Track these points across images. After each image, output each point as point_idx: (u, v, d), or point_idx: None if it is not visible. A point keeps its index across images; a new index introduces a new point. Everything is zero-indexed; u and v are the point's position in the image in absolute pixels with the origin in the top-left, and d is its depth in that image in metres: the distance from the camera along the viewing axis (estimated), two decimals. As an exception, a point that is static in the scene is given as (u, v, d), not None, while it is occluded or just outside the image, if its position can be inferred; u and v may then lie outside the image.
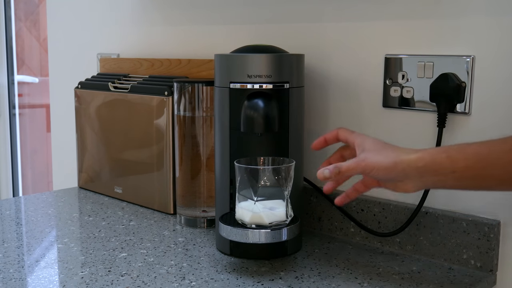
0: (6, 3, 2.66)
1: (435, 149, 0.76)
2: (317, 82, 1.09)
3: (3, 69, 2.69)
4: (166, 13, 1.37)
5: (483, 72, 0.89)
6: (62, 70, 1.73)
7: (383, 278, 0.87)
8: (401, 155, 0.76)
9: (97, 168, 1.37)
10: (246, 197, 0.88)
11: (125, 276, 0.87)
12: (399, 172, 0.76)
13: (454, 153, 0.73)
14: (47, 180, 2.74)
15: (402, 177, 0.77)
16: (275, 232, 0.87)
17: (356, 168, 0.79)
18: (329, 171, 0.81)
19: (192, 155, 1.11)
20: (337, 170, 0.80)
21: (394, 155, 0.77)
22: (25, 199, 1.33)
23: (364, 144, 0.81)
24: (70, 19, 1.67)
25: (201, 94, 1.08)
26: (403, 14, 0.97)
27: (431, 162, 0.74)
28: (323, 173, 0.81)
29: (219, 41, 1.26)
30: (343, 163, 0.81)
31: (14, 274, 0.88)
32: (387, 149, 0.79)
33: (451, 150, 0.73)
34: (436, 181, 0.75)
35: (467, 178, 0.73)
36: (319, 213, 1.09)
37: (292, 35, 1.12)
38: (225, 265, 0.92)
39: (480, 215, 0.92)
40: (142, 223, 1.14)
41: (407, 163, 0.75)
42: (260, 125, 0.91)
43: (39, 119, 2.82)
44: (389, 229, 1.00)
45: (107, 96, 1.32)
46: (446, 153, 0.73)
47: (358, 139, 0.83)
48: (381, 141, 0.81)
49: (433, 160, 0.74)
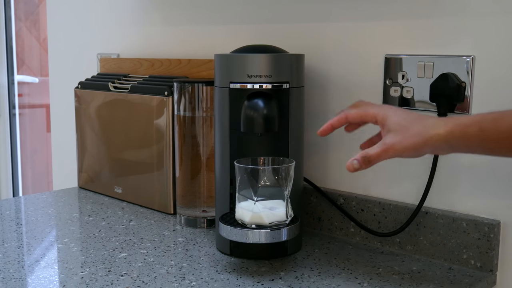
0: (6, 3, 2.66)
1: (465, 120, 0.73)
2: (317, 82, 1.09)
3: (3, 69, 2.69)
4: (166, 13, 1.37)
5: (483, 72, 0.89)
6: (62, 70, 1.73)
7: (383, 278, 0.87)
8: (430, 130, 0.74)
9: (97, 168, 1.37)
10: (246, 197, 0.88)
11: (125, 276, 0.87)
12: (429, 148, 0.75)
13: (487, 125, 0.71)
14: (47, 180, 2.74)
15: (432, 151, 0.76)
16: (275, 232, 0.87)
17: (386, 154, 0.77)
18: (358, 162, 0.78)
19: (192, 155, 1.11)
20: (366, 160, 0.78)
21: (421, 132, 0.74)
22: (25, 199, 1.33)
23: (388, 124, 0.78)
24: (70, 19, 1.67)
25: (201, 94, 1.08)
26: (403, 14, 0.97)
27: (462, 136, 0.72)
28: (352, 165, 0.79)
29: (219, 41, 1.26)
30: (371, 150, 0.78)
31: (14, 274, 0.88)
32: (414, 124, 0.76)
33: (484, 123, 0.71)
34: (467, 150, 0.74)
35: (497, 149, 0.72)
36: (319, 213, 1.09)
37: (292, 35, 1.12)
38: (225, 265, 0.92)
39: (480, 215, 0.92)
40: (142, 223, 1.14)
41: (437, 138, 0.73)
42: (260, 125, 0.91)
43: (39, 119, 2.82)
44: (389, 229, 1.00)
45: (107, 96, 1.32)
46: (479, 125, 0.71)
47: (380, 114, 0.80)
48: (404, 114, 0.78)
49: (465, 134, 0.72)
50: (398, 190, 1.01)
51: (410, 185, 0.99)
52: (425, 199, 0.94)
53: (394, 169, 1.01)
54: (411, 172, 0.99)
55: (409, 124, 0.76)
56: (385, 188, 1.03)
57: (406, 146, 0.75)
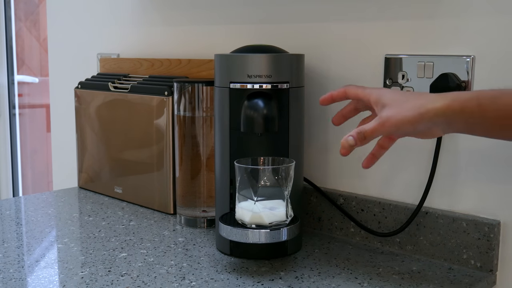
0: (6, 3, 2.66)
1: (464, 95, 0.71)
2: (317, 82, 1.09)
3: (3, 69, 2.69)
4: (166, 13, 1.37)
5: (483, 72, 0.89)
6: (62, 70, 1.73)
7: (383, 278, 0.87)
8: (427, 104, 0.71)
9: (97, 168, 1.37)
10: (246, 197, 0.88)
11: (125, 276, 0.87)
12: (426, 123, 0.72)
13: (485, 102, 0.69)
14: (47, 180, 2.74)
15: (430, 127, 0.73)
16: (275, 232, 0.87)
17: (382, 129, 0.74)
18: (353, 138, 0.75)
19: (192, 155, 1.11)
20: (362, 136, 0.74)
21: (419, 105, 0.72)
22: (25, 199, 1.33)
23: (383, 100, 0.76)
24: (70, 19, 1.67)
25: (201, 94, 1.08)
26: (403, 14, 0.97)
27: (460, 111, 0.70)
28: (347, 142, 0.75)
29: (219, 41, 1.26)
30: (367, 126, 0.75)
31: (14, 274, 0.88)
32: (410, 98, 0.74)
33: (482, 99, 0.69)
34: (465, 128, 0.72)
35: (496, 128, 0.70)
36: (319, 213, 1.09)
37: (292, 35, 1.12)
38: (225, 265, 0.92)
39: (480, 215, 0.92)
40: (142, 223, 1.14)
41: (434, 112, 0.71)
42: (260, 125, 0.91)
43: (39, 119, 2.82)
44: (389, 229, 1.00)
45: (107, 96, 1.32)
46: (477, 101, 0.69)
47: (373, 95, 0.78)
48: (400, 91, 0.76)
49: (463, 109, 0.70)
50: (398, 190, 1.01)
51: (410, 185, 0.99)
52: (425, 199, 0.94)
53: (394, 169, 1.01)
54: (411, 172, 0.99)
55: (406, 98, 0.74)
56: (385, 188, 1.03)
57: (402, 119, 0.72)
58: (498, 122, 0.70)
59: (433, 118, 0.72)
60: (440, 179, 0.95)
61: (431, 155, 0.95)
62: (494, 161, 0.90)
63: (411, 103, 0.73)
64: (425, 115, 0.71)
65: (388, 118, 0.74)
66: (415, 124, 0.72)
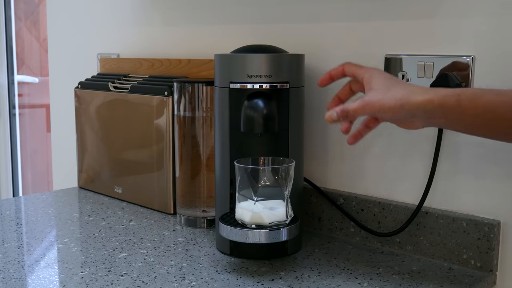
0: (6, 3, 2.66)
1: (446, 92, 0.73)
2: (317, 82, 1.09)
3: (3, 69, 2.69)
4: (166, 13, 1.37)
5: (483, 72, 0.89)
6: (62, 70, 1.73)
7: (383, 278, 0.87)
8: (409, 96, 0.74)
9: (97, 168, 1.37)
10: (246, 197, 0.88)
11: (125, 276, 0.87)
12: (406, 113, 0.75)
13: (465, 99, 0.71)
14: (47, 180, 2.74)
15: (409, 118, 0.76)
16: (275, 232, 0.87)
17: (363, 110, 0.78)
18: (336, 114, 0.80)
19: (192, 155, 1.11)
20: (344, 113, 0.80)
21: (401, 95, 0.75)
22: (25, 199, 1.33)
23: (372, 82, 0.80)
24: (70, 19, 1.67)
25: (201, 94, 1.08)
26: (403, 14, 0.97)
27: (440, 106, 0.72)
28: (331, 116, 0.81)
29: (219, 41, 1.26)
30: (350, 104, 0.79)
31: (14, 274, 0.88)
32: (396, 87, 0.77)
33: (463, 96, 0.71)
34: (445, 123, 0.75)
35: (475, 125, 0.72)
36: (319, 213, 1.09)
37: (292, 35, 1.12)
38: (225, 265, 0.92)
39: (480, 215, 0.92)
40: (142, 223, 1.14)
41: (414, 105, 0.74)
42: (260, 125, 0.91)
43: (39, 119, 2.82)
44: (389, 229, 1.00)
45: (107, 96, 1.32)
46: (457, 98, 0.71)
47: (366, 74, 0.81)
48: (390, 77, 0.79)
49: (442, 105, 0.72)
50: (398, 190, 1.01)
51: (410, 185, 0.99)
52: (425, 199, 0.94)
53: (394, 169, 1.01)
54: (411, 172, 0.99)
55: (391, 86, 0.77)
56: (385, 188, 1.03)
57: (383, 106, 0.76)
58: (477, 120, 0.72)
59: (412, 110, 0.74)
60: (440, 179, 0.95)
61: (431, 155, 0.95)
62: (494, 161, 0.90)
63: (395, 92, 0.76)
64: (405, 106, 0.74)
65: (370, 102, 0.77)
66: (395, 113, 0.76)
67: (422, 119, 0.76)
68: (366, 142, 1.04)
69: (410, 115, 0.75)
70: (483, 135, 0.75)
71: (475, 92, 0.73)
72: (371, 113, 0.79)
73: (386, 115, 0.77)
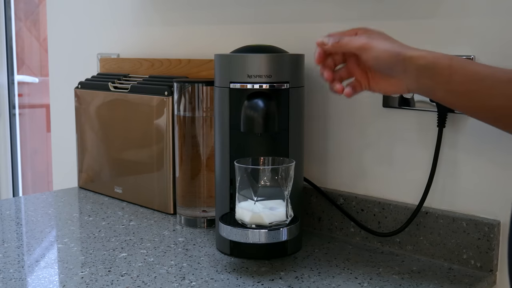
0: (6, 3, 2.66)
1: (439, 54, 0.74)
2: (317, 82, 1.09)
3: (3, 69, 2.69)
4: (166, 13, 1.37)
5: (483, 72, 0.89)
6: (62, 70, 1.73)
7: (383, 278, 0.87)
8: (406, 49, 0.75)
9: (97, 168, 1.37)
10: (246, 197, 0.88)
11: (125, 276, 0.87)
12: (398, 63, 0.75)
13: (456, 64, 0.72)
14: (47, 180, 2.74)
15: (399, 71, 0.76)
16: (275, 232, 0.87)
17: (357, 43, 0.78)
18: (329, 38, 0.80)
19: (192, 155, 1.11)
20: (337, 39, 0.79)
21: (398, 46, 0.76)
22: (25, 199, 1.33)
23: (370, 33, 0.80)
24: (70, 19, 1.67)
25: (201, 94, 1.08)
26: (403, 14, 0.97)
27: (432, 64, 0.73)
28: (322, 39, 0.80)
29: (219, 41, 1.26)
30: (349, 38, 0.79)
31: (14, 274, 0.88)
32: (394, 41, 0.78)
33: (454, 60, 0.72)
34: (429, 87, 0.74)
35: (459, 93, 0.72)
36: (319, 213, 1.09)
37: (292, 35, 1.12)
38: (225, 265, 0.92)
39: (480, 215, 0.92)
40: (142, 223, 1.14)
41: (409, 56, 0.74)
42: (260, 125, 0.91)
43: (39, 119, 2.82)
44: (389, 229, 1.00)
45: (107, 96, 1.32)
46: (449, 61, 0.72)
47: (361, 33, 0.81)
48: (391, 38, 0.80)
49: (434, 63, 0.73)
50: (398, 190, 1.01)
51: (410, 185, 0.99)
52: (425, 199, 0.94)
53: (394, 169, 1.01)
54: (411, 172, 0.99)
55: (390, 39, 0.79)
56: (385, 188, 1.03)
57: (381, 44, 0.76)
58: (463, 87, 0.72)
59: (405, 62, 0.75)
60: (440, 179, 0.95)
61: (431, 155, 0.95)
62: (494, 161, 0.90)
63: (394, 43, 0.78)
64: (401, 55, 0.75)
65: (367, 39, 0.78)
66: (388, 56, 0.76)
67: (411, 77, 0.75)
68: (366, 142, 1.04)
69: (401, 68, 0.75)
70: (463, 106, 0.75)
71: (466, 60, 0.74)
72: (363, 49, 0.77)
73: (379, 58, 0.76)
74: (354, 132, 1.05)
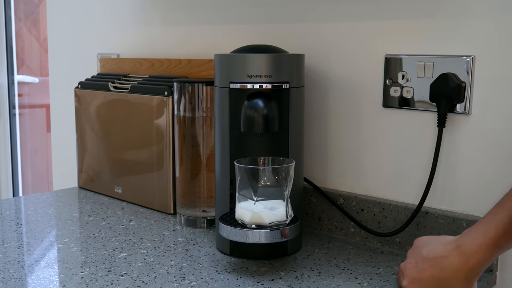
0: (6, 3, 2.66)
1: (484, 240, 0.72)
2: (317, 82, 1.09)
3: (3, 69, 2.69)
4: (166, 13, 1.37)
5: (483, 72, 0.89)
6: (62, 70, 1.73)
7: (383, 278, 0.87)
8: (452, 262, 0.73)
9: (97, 168, 1.37)
10: (246, 197, 0.88)
11: (125, 276, 0.87)
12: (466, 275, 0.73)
13: (501, 227, 0.71)
14: (47, 180, 2.74)
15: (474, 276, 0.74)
16: (275, 232, 0.87)
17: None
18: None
19: (192, 155, 1.11)
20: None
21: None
22: (25, 199, 1.33)
23: (404, 268, 0.81)
24: (70, 19, 1.67)
25: (201, 94, 1.08)
26: (403, 14, 0.97)
27: (490, 258, 0.72)
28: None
29: (219, 41, 1.26)
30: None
31: (14, 274, 0.88)
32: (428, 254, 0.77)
33: (499, 223, 0.71)
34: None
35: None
36: (319, 213, 1.09)
37: (292, 35, 1.12)
38: (225, 265, 0.92)
39: (480, 215, 0.92)
40: (142, 223, 1.14)
41: (468, 269, 0.73)
42: (260, 125, 0.91)
43: (39, 119, 2.82)
44: (389, 229, 1.00)
45: (107, 96, 1.32)
46: (493, 243, 0.71)
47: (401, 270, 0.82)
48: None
49: (491, 257, 0.72)
50: (398, 190, 1.01)
51: (410, 185, 0.99)
52: (425, 199, 0.94)
53: (394, 169, 1.01)
54: (411, 172, 0.99)
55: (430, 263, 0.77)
56: (385, 188, 1.03)
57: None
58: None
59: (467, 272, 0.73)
60: (440, 179, 0.95)
61: (431, 155, 0.95)
62: (494, 161, 0.90)
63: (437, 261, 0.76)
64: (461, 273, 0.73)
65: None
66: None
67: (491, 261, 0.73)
68: (366, 142, 1.04)
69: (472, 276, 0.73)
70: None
71: (502, 212, 0.72)
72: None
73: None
74: (354, 132, 1.05)
